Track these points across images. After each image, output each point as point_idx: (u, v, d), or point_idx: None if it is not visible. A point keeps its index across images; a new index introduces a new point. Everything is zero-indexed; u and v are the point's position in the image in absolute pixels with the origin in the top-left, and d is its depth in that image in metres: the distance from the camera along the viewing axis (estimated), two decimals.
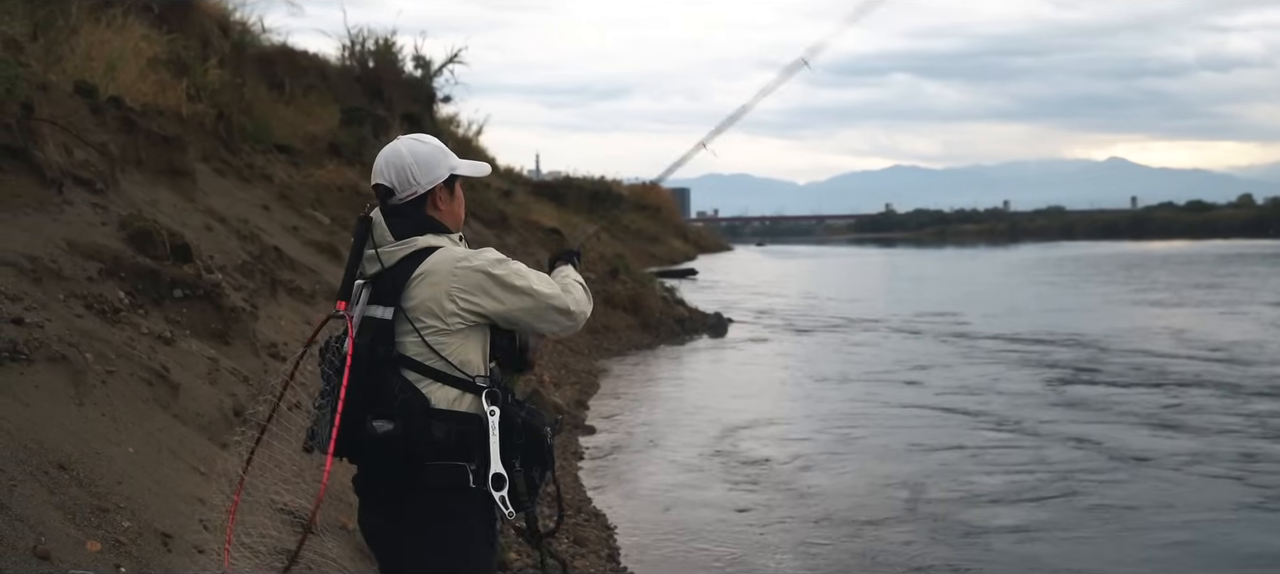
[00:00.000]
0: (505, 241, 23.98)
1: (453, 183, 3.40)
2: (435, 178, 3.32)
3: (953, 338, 21.56)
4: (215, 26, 19.16)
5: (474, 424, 3.13)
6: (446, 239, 3.31)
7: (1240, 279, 38.01)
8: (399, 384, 3.12)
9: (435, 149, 3.38)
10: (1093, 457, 10.92)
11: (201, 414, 6.58)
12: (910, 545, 8.17)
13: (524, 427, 3.19)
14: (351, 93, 26.57)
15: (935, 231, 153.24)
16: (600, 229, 5.61)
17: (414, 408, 3.10)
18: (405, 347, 3.16)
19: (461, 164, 3.42)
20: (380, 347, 3.15)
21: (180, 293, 8.00)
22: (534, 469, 3.23)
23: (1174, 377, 15.79)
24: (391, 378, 3.13)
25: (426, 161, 3.33)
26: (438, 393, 3.13)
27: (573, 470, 10.35)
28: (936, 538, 8.33)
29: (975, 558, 7.88)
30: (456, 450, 3.10)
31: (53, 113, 9.68)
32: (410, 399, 3.11)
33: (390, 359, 3.14)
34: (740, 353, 20.35)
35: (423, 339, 3.15)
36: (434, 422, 3.10)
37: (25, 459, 4.57)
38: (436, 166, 3.34)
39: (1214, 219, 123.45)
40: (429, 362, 3.15)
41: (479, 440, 3.12)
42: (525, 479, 3.18)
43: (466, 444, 3.11)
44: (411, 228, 3.26)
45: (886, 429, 12.56)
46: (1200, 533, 8.47)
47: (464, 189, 3.49)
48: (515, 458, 3.17)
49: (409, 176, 3.30)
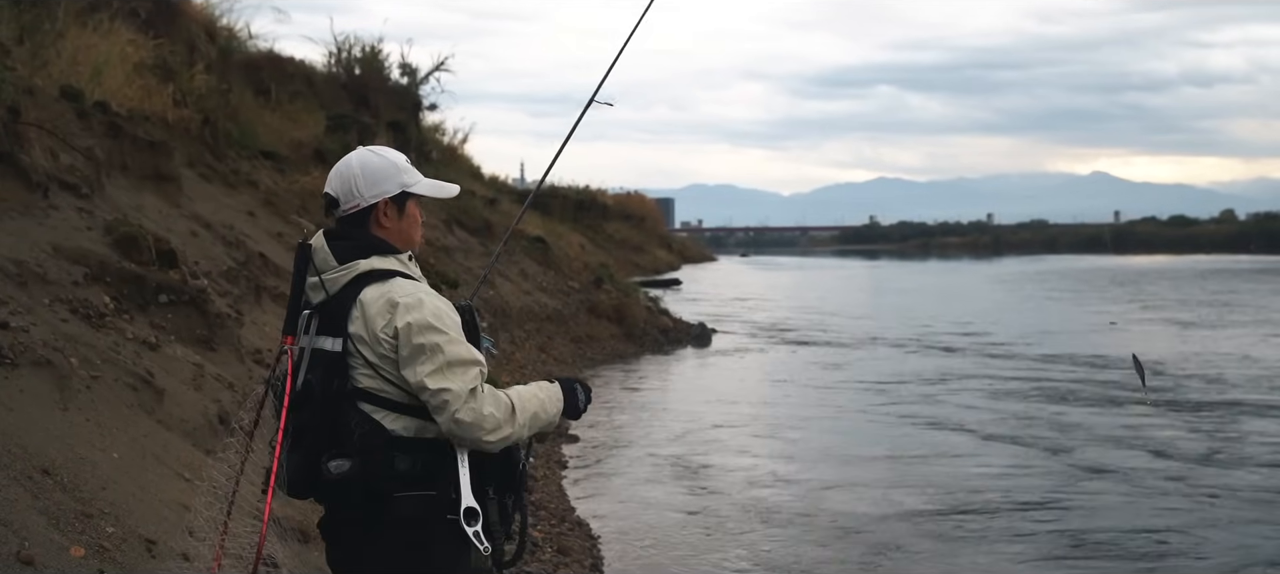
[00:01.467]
0: (490, 249, 23.97)
1: (403, 200, 3.17)
2: (381, 192, 3.13)
3: (945, 352, 21.62)
4: (202, 32, 19.14)
5: (440, 451, 3.00)
6: (394, 260, 3.13)
7: (1241, 296, 37.72)
8: (356, 418, 2.98)
9: (388, 164, 3.16)
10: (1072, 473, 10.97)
11: (186, 420, 6.58)
12: (909, 557, 8.20)
13: (500, 453, 3.08)
14: (337, 100, 26.56)
15: (919, 244, 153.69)
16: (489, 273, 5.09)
17: (373, 442, 2.96)
18: (358, 379, 3.00)
19: (420, 183, 3.21)
20: (334, 380, 3.00)
21: (165, 298, 8.00)
22: (508, 497, 3.13)
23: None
24: (349, 412, 2.98)
25: (374, 175, 3.13)
26: (399, 423, 3.00)
27: (557, 479, 10.36)
28: (938, 552, 8.35)
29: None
30: (423, 480, 2.98)
31: (39, 117, 9.67)
32: (369, 433, 2.97)
33: (345, 393, 2.99)
34: (725, 363, 20.39)
35: (376, 370, 3.00)
36: (397, 453, 2.97)
37: (9, 464, 4.57)
38: (384, 181, 3.13)
39: (1196, 234, 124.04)
40: (385, 392, 3.00)
41: (448, 468, 2.99)
42: (498, 507, 3.08)
43: (433, 472, 2.99)
44: (354, 250, 3.09)
45: (873, 440, 12.60)
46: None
47: (420, 208, 3.25)
48: (489, 485, 3.05)
49: (353, 187, 3.13)
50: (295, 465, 3.05)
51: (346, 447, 2.97)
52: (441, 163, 31.08)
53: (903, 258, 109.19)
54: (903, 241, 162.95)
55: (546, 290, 23.27)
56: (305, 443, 3.03)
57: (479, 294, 3.74)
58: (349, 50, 28.77)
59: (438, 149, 33.60)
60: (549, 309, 21.68)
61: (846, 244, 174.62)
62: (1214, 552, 8.30)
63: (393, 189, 3.14)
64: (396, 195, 3.15)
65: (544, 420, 3.16)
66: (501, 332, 16.05)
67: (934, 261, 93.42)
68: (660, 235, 75.41)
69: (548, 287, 23.68)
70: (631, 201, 70.91)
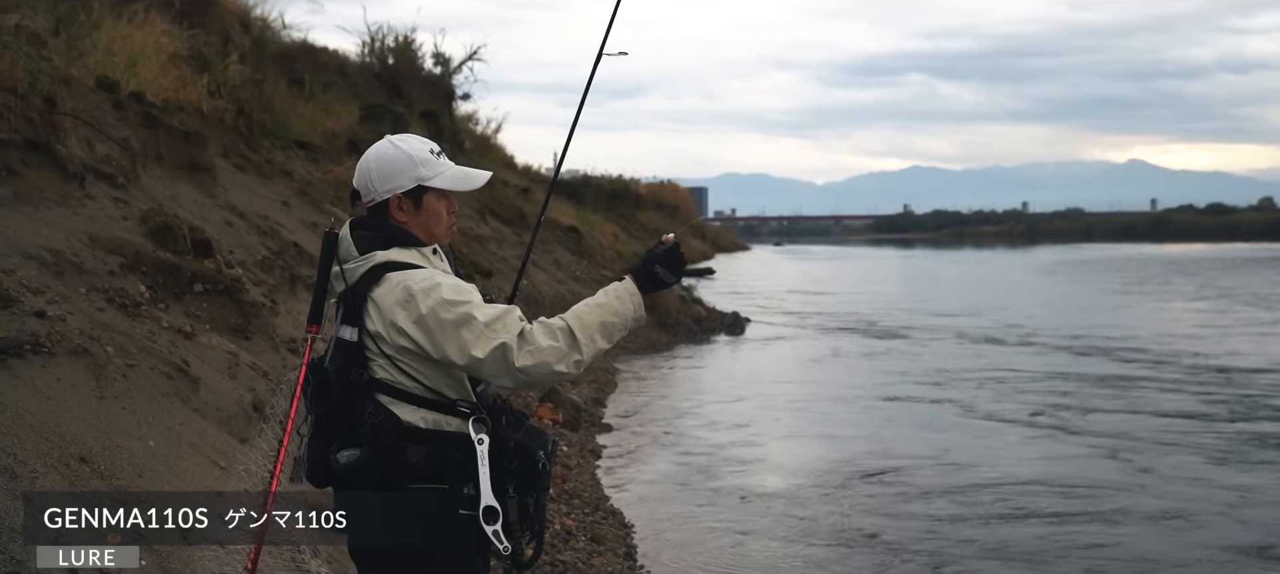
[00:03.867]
0: (523, 239, 24.01)
1: (419, 195, 3.08)
2: (393, 187, 3.06)
3: (992, 344, 21.47)
4: (236, 22, 19.25)
5: (459, 445, 2.94)
6: (415, 253, 3.06)
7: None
8: (371, 408, 2.94)
9: (404, 156, 3.08)
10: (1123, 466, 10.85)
11: (221, 409, 6.60)
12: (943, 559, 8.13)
13: (516, 450, 2.99)
14: (371, 90, 26.67)
15: (953, 233, 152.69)
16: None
17: (386, 432, 2.92)
18: (375, 370, 2.97)
19: (440, 176, 3.10)
20: (351, 370, 2.97)
21: (200, 287, 8.04)
22: (528, 496, 3.02)
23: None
24: (363, 402, 2.95)
25: (387, 168, 3.07)
26: (416, 416, 2.95)
27: (590, 468, 10.35)
28: (971, 554, 8.26)
29: None
30: (436, 474, 2.93)
31: (75, 107, 9.74)
32: (382, 423, 2.92)
33: (361, 383, 2.96)
34: (759, 352, 20.32)
35: (392, 362, 2.96)
36: (411, 445, 2.92)
37: (47, 452, 4.59)
38: (397, 176, 3.07)
39: (1234, 222, 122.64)
40: (402, 384, 2.97)
41: (466, 464, 2.93)
42: (519, 506, 2.98)
43: (448, 467, 2.93)
44: (375, 241, 3.04)
45: (912, 432, 12.49)
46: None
47: (445, 201, 3.14)
48: (509, 483, 2.97)
49: (369, 181, 3.09)
50: (314, 455, 3.04)
51: (358, 436, 2.95)
52: (475, 152, 31.15)
53: (937, 247, 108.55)
54: (937, 230, 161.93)
55: (580, 279, 23.28)
56: (323, 431, 3.01)
57: (516, 284, 3.67)
58: (382, 40, 28.90)
59: (471, 139, 33.68)
60: (582, 298, 21.66)
61: (881, 233, 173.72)
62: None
63: (406, 184, 3.08)
64: (411, 190, 3.08)
65: (619, 325, 3.06)
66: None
67: (969, 250, 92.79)
68: (693, 225, 75.28)
69: (581, 276, 23.70)
70: (664, 191, 70.80)
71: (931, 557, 7.92)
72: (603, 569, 7.36)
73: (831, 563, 7.81)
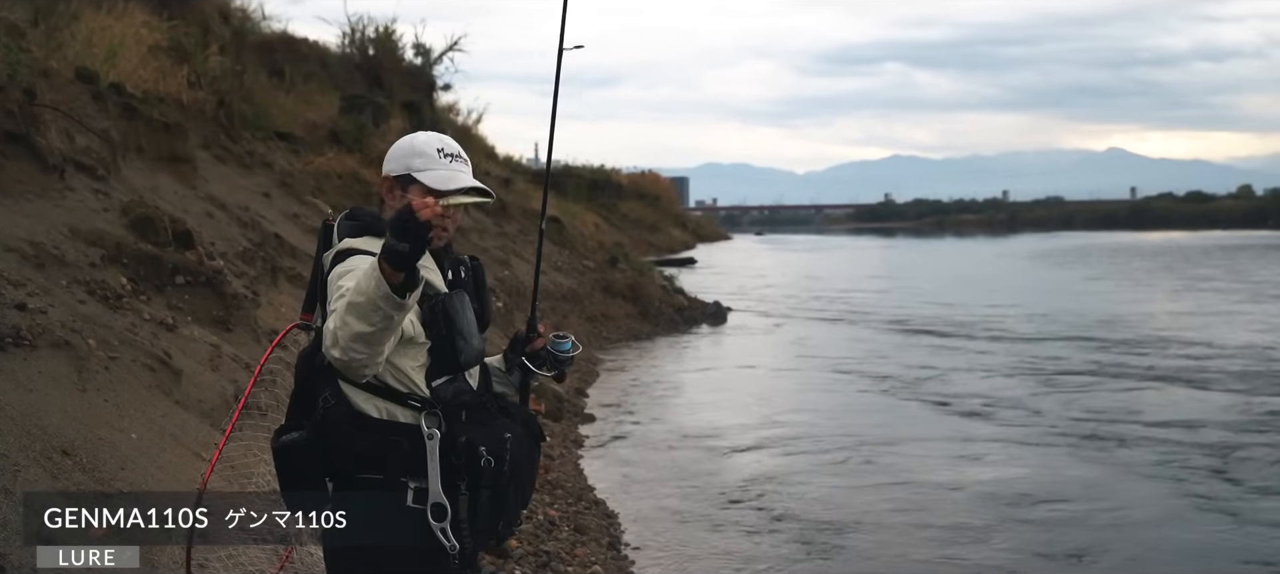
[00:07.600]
0: (505, 230, 23.98)
1: (407, 184, 3.06)
2: (390, 169, 3.11)
3: (963, 335, 21.57)
4: (216, 13, 19.15)
5: (411, 437, 2.89)
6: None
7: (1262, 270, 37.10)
8: (328, 392, 2.91)
9: (405, 147, 3.13)
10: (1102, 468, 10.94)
11: (203, 401, 6.60)
12: (915, 545, 8.19)
13: (465, 447, 2.90)
14: (351, 80, 26.55)
15: (934, 221, 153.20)
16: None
17: (334, 416, 2.89)
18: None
19: (429, 171, 3.07)
20: (316, 355, 2.95)
21: (182, 279, 8.02)
22: (480, 491, 2.91)
23: None
24: (321, 387, 2.93)
25: (397, 151, 3.13)
26: (370, 404, 2.91)
27: (573, 459, 10.37)
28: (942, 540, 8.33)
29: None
30: (378, 464, 2.88)
31: (54, 99, 9.69)
32: (334, 408, 2.90)
33: (323, 368, 2.92)
34: (740, 342, 20.37)
35: None
36: (358, 432, 2.88)
37: (29, 445, 4.59)
38: (397, 159, 3.11)
39: (1213, 210, 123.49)
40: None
41: (407, 456, 2.88)
42: (470, 504, 2.90)
43: (389, 458, 2.88)
44: (354, 230, 3.05)
45: (887, 422, 12.57)
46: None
47: (426, 195, 2.96)
48: (460, 481, 2.90)
49: (386, 159, 3.16)
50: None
51: (307, 420, 2.94)
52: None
53: (918, 235, 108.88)
54: (918, 219, 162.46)
55: (561, 269, 23.27)
56: (288, 417, 3.02)
57: (496, 274, 3.67)
58: (363, 31, 28.74)
59: (452, 130, 33.59)
60: (564, 288, 21.67)
61: (862, 222, 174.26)
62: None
63: (397, 169, 3.10)
64: (400, 176, 3.09)
65: (365, 304, 2.67)
66: (516, 311, 16.03)
67: (950, 239, 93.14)
68: (675, 214, 75.35)
69: (563, 266, 23.68)
70: (646, 181, 70.85)
71: (912, 538, 7.99)
72: (586, 559, 7.38)
73: (812, 550, 7.85)
